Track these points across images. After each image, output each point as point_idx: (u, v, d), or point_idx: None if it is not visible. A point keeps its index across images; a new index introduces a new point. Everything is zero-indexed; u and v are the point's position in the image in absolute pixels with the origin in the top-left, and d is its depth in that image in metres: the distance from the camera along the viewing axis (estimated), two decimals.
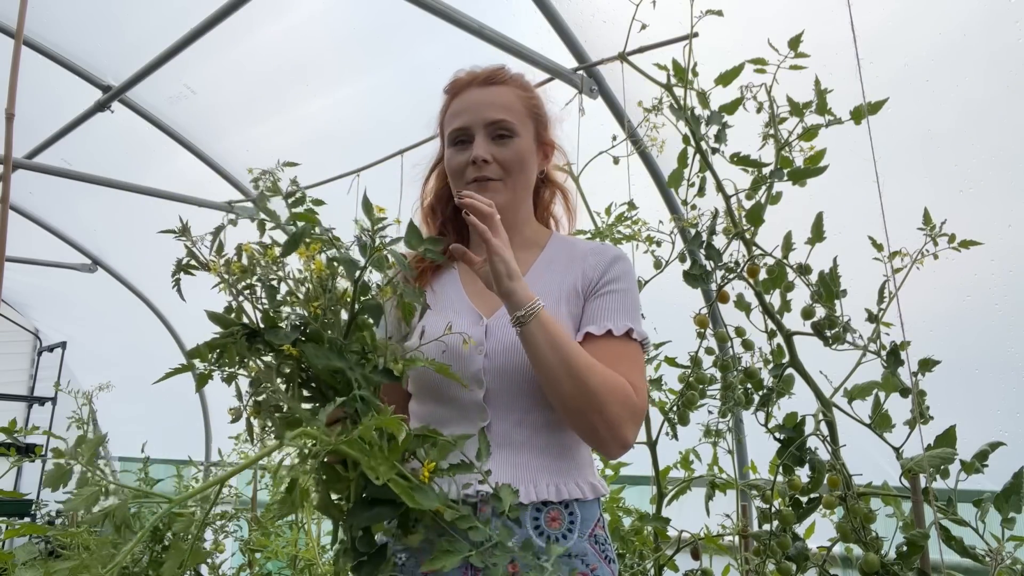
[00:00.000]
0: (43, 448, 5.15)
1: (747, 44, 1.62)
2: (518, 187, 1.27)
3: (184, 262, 1.00)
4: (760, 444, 1.72)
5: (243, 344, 0.94)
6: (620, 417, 1.09)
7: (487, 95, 1.26)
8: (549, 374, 1.07)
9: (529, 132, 1.28)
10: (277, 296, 0.98)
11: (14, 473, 6.46)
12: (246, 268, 0.97)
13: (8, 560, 1.23)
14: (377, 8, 2.90)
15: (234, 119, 3.71)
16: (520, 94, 1.28)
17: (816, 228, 1.54)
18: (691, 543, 1.90)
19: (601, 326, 1.18)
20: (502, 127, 1.24)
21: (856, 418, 1.48)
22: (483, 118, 1.24)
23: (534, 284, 1.24)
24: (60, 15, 3.26)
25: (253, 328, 0.96)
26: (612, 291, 1.22)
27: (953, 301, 2.15)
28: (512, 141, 1.24)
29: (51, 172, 3.55)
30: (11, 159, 1.41)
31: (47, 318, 6.95)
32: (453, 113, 1.28)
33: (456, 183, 1.27)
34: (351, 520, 0.93)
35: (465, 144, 1.25)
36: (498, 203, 1.23)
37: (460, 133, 1.25)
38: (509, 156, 1.24)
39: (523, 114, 1.27)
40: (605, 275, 1.24)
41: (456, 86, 1.30)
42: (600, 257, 1.26)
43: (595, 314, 1.20)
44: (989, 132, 2.02)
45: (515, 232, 1.30)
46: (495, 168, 1.23)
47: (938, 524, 1.31)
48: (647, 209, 2.20)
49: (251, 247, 0.99)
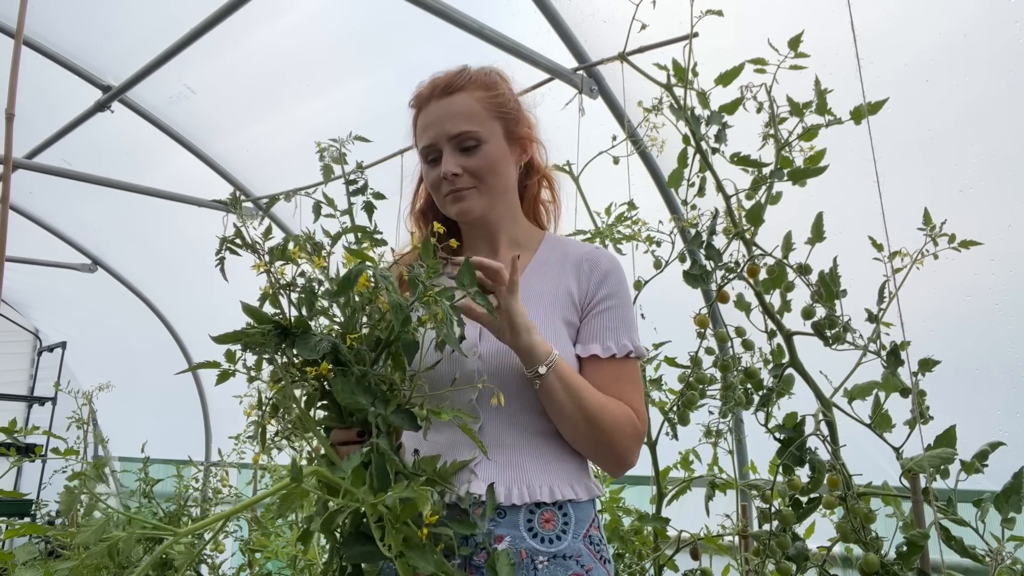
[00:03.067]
0: (43, 448, 5.15)
1: (747, 44, 1.62)
2: (495, 191, 1.27)
3: (231, 238, 0.99)
4: (760, 444, 1.72)
5: (273, 341, 0.94)
6: (628, 448, 1.18)
7: (447, 107, 1.24)
8: (565, 418, 1.14)
9: (496, 133, 1.26)
10: (315, 301, 0.98)
11: (14, 473, 6.47)
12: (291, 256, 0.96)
13: (8, 560, 1.23)
14: (377, 8, 2.90)
15: (234, 119, 3.71)
16: (481, 96, 1.26)
17: (816, 228, 1.54)
18: (691, 543, 1.90)
19: (605, 348, 1.22)
20: (466, 138, 1.23)
21: (856, 418, 1.48)
22: (445, 133, 1.23)
23: (527, 287, 1.25)
24: (60, 15, 3.26)
25: (285, 327, 0.96)
26: (609, 308, 1.24)
27: (953, 301, 2.15)
28: (478, 149, 1.23)
29: (51, 172, 3.55)
30: (11, 159, 1.41)
31: (47, 318, 6.95)
32: (420, 129, 1.28)
33: (436, 197, 1.29)
34: (345, 552, 0.92)
35: (436, 160, 1.26)
36: (476, 210, 1.25)
37: (429, 150, 1.26)
38: (477, 164, 1.23)
39: (486, 117, 1.25)
40: (600, 290, 1.25)
41: (419, 100, 1.30)
42: (594, 268, 1.27)
43: (596, 334, 1.23)
44: (989, 132, 2.02)
45: (502, 233, 1.31)
46: (466, 178, 1.23)
47: (938, 524, 1.31)
48: (647, 209, 2.20)
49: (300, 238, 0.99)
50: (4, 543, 3.54)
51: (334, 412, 1.01)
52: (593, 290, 1.25)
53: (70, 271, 5.24)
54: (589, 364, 1.21)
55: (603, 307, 1.24)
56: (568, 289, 1.25)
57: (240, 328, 0.96)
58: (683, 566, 1.91)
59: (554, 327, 1.21)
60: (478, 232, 1.32)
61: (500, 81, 1.31)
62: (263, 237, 0.97)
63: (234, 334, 0.95)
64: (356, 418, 0.99)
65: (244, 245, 0.98)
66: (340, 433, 1.03)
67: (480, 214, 1.26)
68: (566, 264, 1.28)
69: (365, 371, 0.95)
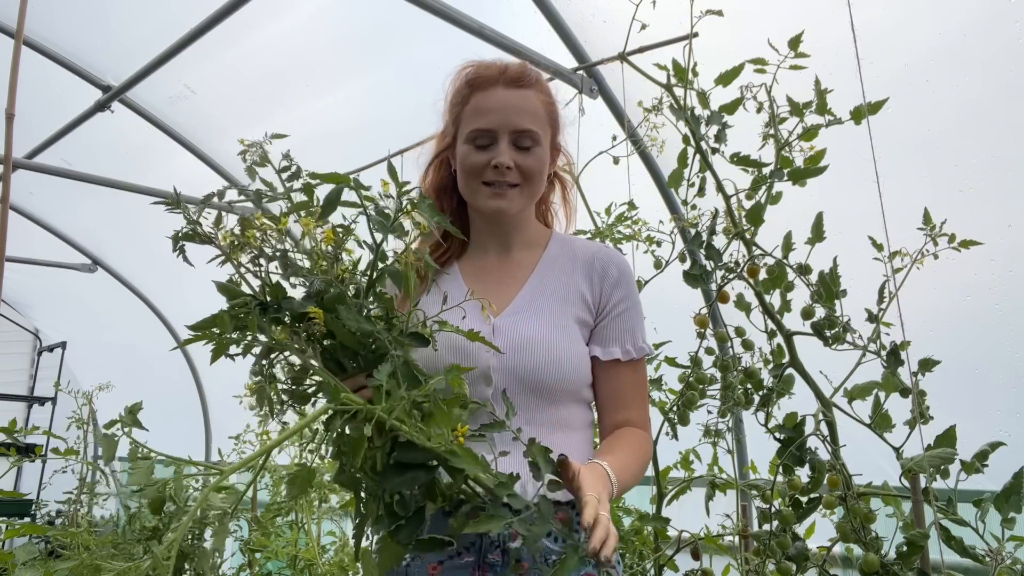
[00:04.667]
0: (43, 448, 5.15)
1: (747, 44, 1.62)
2: (533, 195, 1.27)
3: (183, 232, 0.99)
4: (760, 444, 1.72)
5: (257, 314, 0.93)
6: (646, 462, 1.22)
7: (516, 99, 1.22)
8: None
9: (547, 139, 1.27)
10: (289, 265, 0.97)
11: (14, 473, 6.46)
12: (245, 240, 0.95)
13: (8, 560, 1.23)
14: (377, 8, 2.90)
15: (234, 119, 3.71)
16: (543, 100, 1.26)
17: (816, 228, 1.54)
18: (691, 543, 1.90)
19: (625, 351, 1.24)
20: (528, 136, 1.22)
21: (856, 418, 1.48)
22: (511, 124, 1.21)
23: (540, 283, 1.25)
24: (60, 15, 3.26)
25: (262, 300, 0.95)
26: (625, 310, 1.26)
27: (953, 301, 2.15)
28: (535, 150, 1.23)
29: (51, 172, 3.55)
30: (11, 159, 1.41)
31: (47, 318, 6.95)
32: (477, 110, 1.23)
33: (469, 181, 1.25)
34: (385, 485, 0.91)
35: (487, 146, 1.22)
36: (513, 210, 1.24)
37: (483, 134, 1.22)
38: (532, 165, 1.23)
39: (544, 121, 1.25)
40: (615, 294, 1.26)
41: (481, 80, 1.25)
42: (606, 270, 1.27)
43: (616, 337, 1.25)
44: (989, 132, 2.02)
45: (516, 232, 1.31)
46: (515, 174, 1.22)
47: (938, 524, 1.31)
48: (647, 209, 2.20)
49: (261, 218, 0.98)
50: (4, 543, 3.54)
51: (333, 367, 0.99)
52: (608, 293, 1.26)
53: (70, 271, 5.24)
54: (609, 367, 1.23)
55: (619, 310, 1.25)
56: (579, 289, 1.25)
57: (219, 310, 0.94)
58: (683, 566, 1.91)
59: (567, 325, 1.21)
60: (493, 228, 1.31)
61: (551, 90, 1.33)
62: (215, 227, 0.96)
63: (211, 318, 0.93)
64: (362, 359, 0.98)
65: (199, 238, 0.97)
66: (346, 383, 0.98)
67: (513, 215, 1.26)
68: (576, 263, 1.28)
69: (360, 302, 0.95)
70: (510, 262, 1.30)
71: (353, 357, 0.99)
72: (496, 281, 1.28)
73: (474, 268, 1.31)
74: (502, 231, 1.30)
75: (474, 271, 1.30)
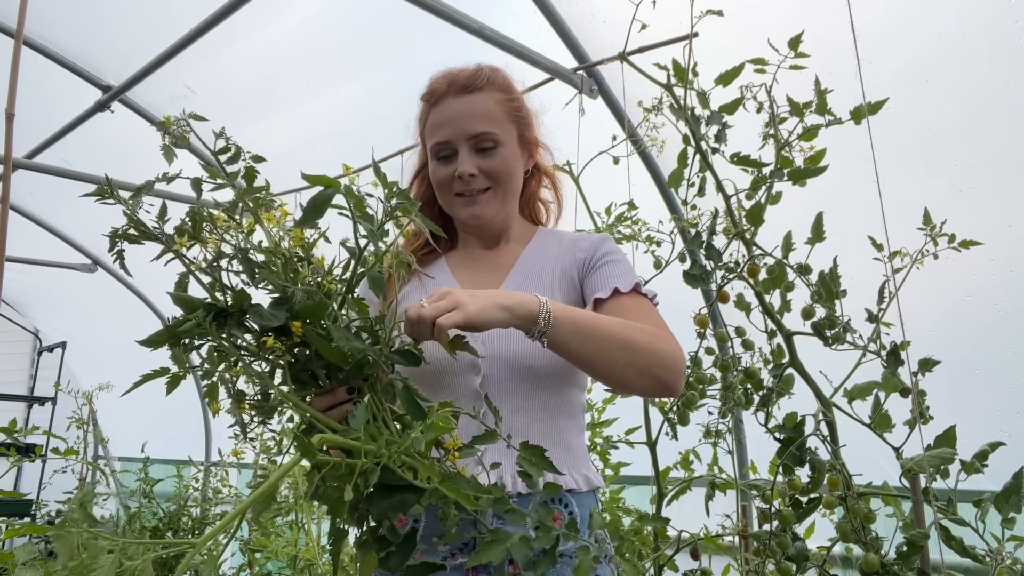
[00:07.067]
0: (43, 448, 5.15)
1: (747, 44, 1.62)
2: (508, 195, 1.27)
3: (123, 230, 0.93)
4: (760, 444, 1.72)
5: (212, 328, 0.84)
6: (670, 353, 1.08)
7: (467, 105, 1.22)
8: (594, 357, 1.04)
9: (512, 137, 1.26)
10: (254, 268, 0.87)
11: (14, 473, 6.46)
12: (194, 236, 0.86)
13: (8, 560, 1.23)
14: (377, 8, 2.90)
15: (234, 119, 3.70)
16: (499, 98, 1.25)
17: (816, 228, 1.54)
18: (691, 543, 1.90)
19: (607, 288, 1.19)
20: (485, 139, 1.22)
21: (856, 418, 1.47)
22: (465, 131, 1.21)
23: (527, 266, 1.27)
24: (60, 15, 3.26)
25: (222, 308, 0.86)
26: (608, 261, 1.25)
27: (953, 301, 2.15)
28: (496, 151, 1.23)
29: (51, 172, 3.55)
30: (11, 159, 1.41)
31: (47, 318, 6.95)
32: (433, 125, 1.25)
33: (443, 195, 1.27)
34: (373, 509, 0.87)
35: (448, 157, 1.24)
36: (489, 213, 1.25)
37: (442, 147, 1.24)
38: (496, 166, 1.23)
39: (504, 120, 1.24)
40: (598, 252, 1.26)
41: (434, 94, 1.26)
42: (589, 240, 1.29)
43: (598, 283, 1.22)
44: (989, 132, 2.02)
45: (504, 233, 1.33)
46: (482, 179, 1.23)
47: (938, 524, 1.31)
48: (647, 209, 2.20)
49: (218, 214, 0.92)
50: (4, 543, 3.54)
51: (308, 380, 0.92)
52: (591, 252, 1.26)
53: (70, 271, 5.24)
54: (611, 304, 1.17)
55: (602, 263, 1.25)
56: (565, 268, 1.26)
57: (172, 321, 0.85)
58: (683, 566, 1.91)
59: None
60: (477, 231, 1.33)
61: (513, 84, 1.31)
62: (159, 220, 0.88)
63: (164, 332, 0.86)
64: (342, 375, 0.90)
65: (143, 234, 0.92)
66: (321, 400, 0.94)
67: (490, 219, 1.26)
68: (561, 248, 1.30)
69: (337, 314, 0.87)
70: (497, 255, 1.32)
71: (327, 367, 0.92)
72: (482, 270, 1.30)
73: (461, 260, 1.33)
74: (485, 234, 1.33)
75: (461, 262, 1.33)
